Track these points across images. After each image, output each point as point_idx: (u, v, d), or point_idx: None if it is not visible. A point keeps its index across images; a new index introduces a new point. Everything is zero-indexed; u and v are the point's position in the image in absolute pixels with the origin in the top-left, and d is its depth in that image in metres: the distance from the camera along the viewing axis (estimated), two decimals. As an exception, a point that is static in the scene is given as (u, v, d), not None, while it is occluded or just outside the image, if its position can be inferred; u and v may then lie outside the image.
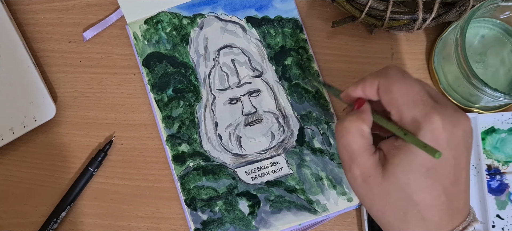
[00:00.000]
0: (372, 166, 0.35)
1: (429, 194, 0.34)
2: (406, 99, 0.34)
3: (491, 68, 0.47)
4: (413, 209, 0.34)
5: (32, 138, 0.48)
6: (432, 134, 0.33)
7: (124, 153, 0.48)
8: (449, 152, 0.33)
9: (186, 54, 0.48)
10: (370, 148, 0.36)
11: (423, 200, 0.34)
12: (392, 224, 0.35)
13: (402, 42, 0.49)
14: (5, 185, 0.48)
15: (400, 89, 0.35)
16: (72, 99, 0.49)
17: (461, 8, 0.44)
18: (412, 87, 0.34)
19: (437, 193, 0.34)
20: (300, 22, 0.49)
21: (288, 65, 0.48)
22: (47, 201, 0.48)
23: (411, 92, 0.34)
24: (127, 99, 0.49)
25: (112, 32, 0.49)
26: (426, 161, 0.33)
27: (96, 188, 0.48)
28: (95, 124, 0.48)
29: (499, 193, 0.47)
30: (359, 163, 0.36)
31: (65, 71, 0.49)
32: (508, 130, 0.48)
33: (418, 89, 0.34)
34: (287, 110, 0.48)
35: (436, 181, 0.34)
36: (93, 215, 0.48)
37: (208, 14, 0.49)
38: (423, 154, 0.33)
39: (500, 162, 0.48)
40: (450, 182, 0.34)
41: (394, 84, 0.35)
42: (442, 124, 0.33)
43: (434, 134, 0.33)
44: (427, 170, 0.33)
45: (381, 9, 0.45)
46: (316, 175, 0.47)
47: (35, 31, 0.49)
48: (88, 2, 0.50)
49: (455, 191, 0.34)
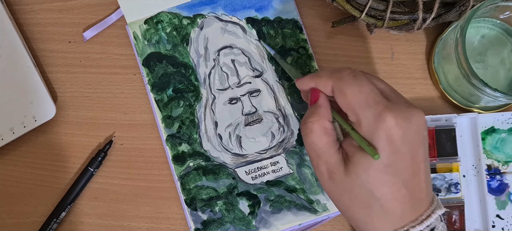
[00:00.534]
0: (336, 162, 0.37)
1: (390, 189, 0.35)
2: (359, 102, 0.35)
3: (491, 68, 0.47)
4: (375, 204, 0.35)
5: (32, 138, 0.48)
6: (386, 132, 0.34)
7: (124, 153, 0.48)
8: (405, 147, 0.34)
9: (186, 54, 0.48)
10: (334, 144, 0.37)
11: (384, 194, 0.35)
12: (358, 218, 0.37)
13: (402, 42, 0.49)
14: (5, 185, 0.48)
15: (353, 92, 0.36)
16: (72, 99, 0.49)
17: (461, 8, 0.44)
18: (364, 89, 0.35)
19: (397, 187, 0.35)
20: (300, 23, 0.49)
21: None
22: (47, 201, 0.48)
23: (363, 94, 0.35)
24: (127, 99, 0.49)
25: (112, 32, 0.49)
26: (384, 158, 0.34)
27: (96, 188, 0.48)
28: (95, 124, 0.48)
29: (499, 193, 0.47)
30: (324, 160, 0.37)
31: (65, 71, 0.49)
32: (508, 130, 0.48)
33: (369, 90, 0.35)
34: (287, 110, 0.48)
35: (395, 176, 0.35)
36: (93, 215, 0.48)
37: (208, 14, 0.49)
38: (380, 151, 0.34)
39: (500, 162, 0.48)
40: (409, 175, 0.35)
41: (347, 87, 0.36)
42: (395, 121, 0.34)
43: (389, 132, 0.34)
44: (385, 167, 0.34)
45: (381, 9, 0.45)
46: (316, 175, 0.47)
47: (35, 31, 0.49)
48: (88, 2, 0.50)
49: (415, 183, 0.35)
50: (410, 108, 0.35)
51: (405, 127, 0.34)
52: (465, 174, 0.47)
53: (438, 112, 0.48)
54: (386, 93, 0.37)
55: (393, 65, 0.49)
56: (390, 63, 0.49)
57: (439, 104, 0.49)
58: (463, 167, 0.47)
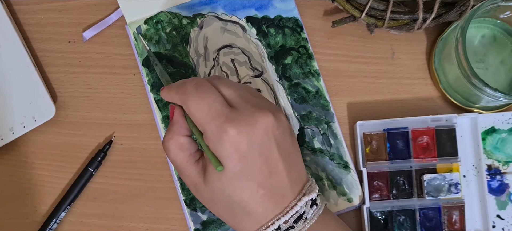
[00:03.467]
0: (196, 175, 0.38)
1: (246, 193, 0.36)
2: (201, 114, 0.36)
3: (492, 68, 0.47)
4: (236, 208, 0.37)
5: (32, 138, 0.48)
6: (231, 143, 0.35)
7: (123, 153, 0.48)
8: (253, 152, 0.35)
9: (186, 54, 0.48)
10: (192, 157, 0.38)
11: (242, 199, 0.36)
12: (228, 221, 0.39)
13: (402, 42, 0.49)
14: (5, 185, 0.48)
15: (195, 105, 0.36)
16: (71, 99, 0.49)
17: (461, 8, 0.44)
18: (206, 100, 0.36)
19: (253, 190, 0.36)
20: (300, 22, 0.49)
21: (288, 64, 0.48)
22: (47, 201, 0.48)
23: (205, 106, 0.36)
24: (127, 99, 0.49)
25: (112, 32, 0.49)
26: (233, 166, 0.35)
27: (96, 188, 0.48)
28: (94, 124, 0.48)
29: (499, 193, 0.47)
30: (185, 174, 0.38)
31: (65, 71, 0.49)
32: (509, 130, 0.48)
33: (212, 101, 0.36)
34: (287, 110, 0.48)
35: (249, 180, 0.36)
36: (93, 215, 0.48)
37: (208, 14, 0.49)
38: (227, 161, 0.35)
39: (500, 162, 0.48)
40: (264, 176, 0.36)
41: (189, 100, 0.36)
42: (237, 131, 0.35)
43: (232, 142, 0.35)
44: (236, 174, 0.36)
45: (381, 9, 0.45)
46: (316, 175, 0.47)
47: (35, 31, 0.49)
48: (88, 2, 0.50)
49: (274, 181, 0.36)
50: (255, 113, 0.36)
51: (249, 134, 0.35)
52: (466, 174, 0.47)
53: (439, 113, 0.48)
54: (232, 100, 0.37)
55: (393, 65, 0.49)
56: (390, 63, 0.49)
57: (439, 104, 0.49)
58: (463, 167, 0.47)
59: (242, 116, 0.36)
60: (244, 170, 0.36)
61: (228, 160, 0.35)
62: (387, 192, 0.46)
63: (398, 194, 0.46)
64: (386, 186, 0.46)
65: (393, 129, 0.47)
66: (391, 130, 0.47)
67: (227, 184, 0.36)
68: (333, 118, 0.48)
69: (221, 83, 0.38)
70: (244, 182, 0.36)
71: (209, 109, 0.36)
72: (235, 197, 0.36)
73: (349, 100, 0.49)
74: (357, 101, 0.49)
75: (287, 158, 0.37)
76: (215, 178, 0.36)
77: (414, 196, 0.46)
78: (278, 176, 0.37)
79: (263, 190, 0.36)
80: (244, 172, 0.36)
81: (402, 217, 0.46)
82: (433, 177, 0.46)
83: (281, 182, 0.37)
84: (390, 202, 0.46)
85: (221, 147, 0.35)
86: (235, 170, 0.36)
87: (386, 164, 0.46)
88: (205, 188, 0.37)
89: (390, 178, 0.46)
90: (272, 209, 0.37)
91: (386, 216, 0.46)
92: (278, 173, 0.37)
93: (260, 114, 0.36)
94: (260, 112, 0.36)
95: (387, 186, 0.46)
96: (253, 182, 0.36)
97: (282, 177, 0.37)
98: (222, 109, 0.36)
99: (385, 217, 0.46)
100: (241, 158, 0.35)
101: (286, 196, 0.37)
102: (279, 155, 0.37)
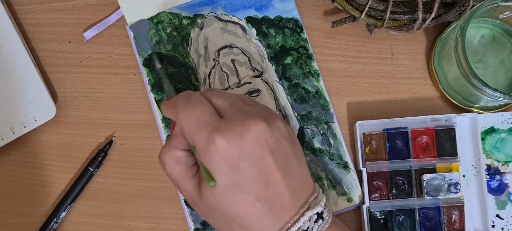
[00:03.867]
0: (192, 189, 0.37)
1: (241, 207, 0.34)
2: (190, 127, 0.35)
3: (491, 68, 0.47)
4: (233, 223, 0.35)
5: (32, 138, 0.48)
6: (219, 154, 0.34)
7: (124, 153, 0.48)
8: (245, 162, 0.34)
9: (186, 54, 0.48)
10: (189, 171, 0.37)
11: (238, 214, 0.34)
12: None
13: (402, 42, 0.49)
14: (5, 185, 0.48)
15: (185, 117, 0.35)
16: (72, 99, 0.49)
17: (461, 8, 0.44)
18: (195, 112, 0.35)
19: (249, 203, 0.34)
20: (300, 22, 0.49)
21: (288, 64, 0.48)
22: (47, 201, 0.48)
23: (193, 118, 0.35)
24: (127, 99, 0.49)
25: (112, 32, 0.49)
26: (224, 179, 0.34)
27: (96, 188, 0.48)
28: (95, 124, 0.48)
29: (499, 193, 0.47)
30: (182, 188, 0.37)
31: (65, 71, 0.49)
32: (508, 130, 0.48)
33: (201, 112, 0.35)
34: (287, 111, 0.48)
35: (243, 193, 0.34)
36: (93, 215, 0.48)
37: (208, 14, 0.49)
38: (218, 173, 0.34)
39: (499, 162, 0.48)
40: (260, 188, 0.34)
41: (179, 114, 0.36)
42: (225, 141, 0.33)
43: (222, 153, 0.33)
44: (229, 187, 0.34)
45: (381, 9, 0.45)
46: (316, 175, 0.47)
47: (35, 31, 0.49)
48: (88, 2, 0.50)
49: (271, 193, 0.34)
50: (245, 122, 0.34)
51: (239, 144, 0.34)
52: (465, 174, 0.48)
53: (438, 112, 0.48)
54: (222, 111, 0.36)
55: (393, 65, 0.49)
56: (390, 63, 0.49)
57: (439, 104, 0.49)
58: (462, 167, 0.47)
59: (231, 125, 0.34)
60: (237, 182, 0.34)
61: (219, 172, 0.34)
62: (386, 192, 0.46)
63: (398, 194, 0.46)
64: (386, 186, 0.46)
65: (393, 129, 0.47)
66: (391, 130, 0.47)
67: (221, 198, 0.34)
68: (332, 118, 0.48)
69: (213, 95, 0.37)
70: (239, 195, 0.34)
71: (197, 120, 0.34)
72: (230, 212, 0.35)
73: (348, 100, 0.49)
74: (356, 101, 0.49)
75: (285, 167, 0.35)
76: (209, 193, 0.35)
77: (414, 196, 0.46)
78: (275, 187, 0.34)
79: (259, 203, 0.34)
80: (237, 185, 0.34)
81: (401, 217, 0.46)
82: (433, 177, 0.46)
83: (279, 194, 0.35)
84: (389, 202, 0.46)
85: (210, 159, 0.34)
86: (227, 183, 0.34)
87: (386, 164, 0.46)
88: (202, 203, 0.36)
89: (390, 178, 0.46)
90: (271, 224, 0.35)
91: (386, 216, 0.46)
92: (275, 184, 0.34)
93: (251, 122, 0.34)
94: (251, 120, 0.34)
95: (387, 185, 0.46)
96: (248, 195, 0.34)
97: (279, 188, 0.35)
98: (210, 120, 0.34)
99: (384, 217, 0.46)
100: (232, 170, 0.34)
101: (287, 209, 0.35)
102: (275, 164, 0.34)
